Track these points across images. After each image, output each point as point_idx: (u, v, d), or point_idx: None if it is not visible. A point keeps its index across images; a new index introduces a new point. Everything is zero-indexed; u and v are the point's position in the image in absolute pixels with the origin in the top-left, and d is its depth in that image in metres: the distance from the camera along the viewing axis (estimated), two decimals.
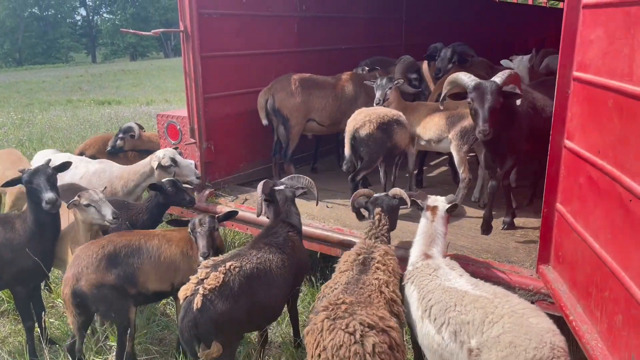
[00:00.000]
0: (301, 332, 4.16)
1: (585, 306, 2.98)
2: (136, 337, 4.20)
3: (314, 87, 5.98)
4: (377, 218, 3.77)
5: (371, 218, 3.84)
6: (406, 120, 5.21)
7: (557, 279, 3.40)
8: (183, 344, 3.31)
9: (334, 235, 4.62)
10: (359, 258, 3.37)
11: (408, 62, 6.04)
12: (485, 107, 3.80)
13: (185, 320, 3.15)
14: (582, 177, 2.99)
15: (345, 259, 3.43)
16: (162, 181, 4.69)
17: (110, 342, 4.25)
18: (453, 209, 3.73)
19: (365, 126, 4.88)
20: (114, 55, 74.97)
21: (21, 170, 3.98)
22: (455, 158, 5.08)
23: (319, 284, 4.72)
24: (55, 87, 29.22)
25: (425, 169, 7.04)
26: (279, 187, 4.09)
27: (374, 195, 4.00)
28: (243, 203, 5.54)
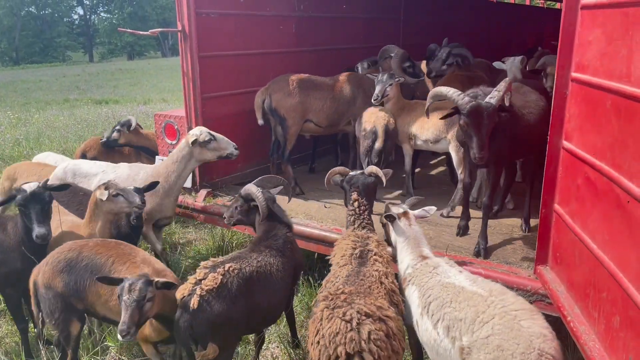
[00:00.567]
0: (299, 333, 4.17)
1: (583, 307, 2.99)
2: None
3: (312, 88, 5.95)
4: (356, 205, 3.73)
5: (349, 202, 3.78)
6: (403, 119, 5.27)
7: (555, 280, 3.40)
8: (179, 344, 3.30)
9: (332, 235, 4.61)
10: (356, 252, 3.37)
11: (401, 54, 6.04)
12: (482, 134, 3.64)
13: (181, 320, 3.14)
14: (580, 178, 2.99)
15: (342, 254, 3.42)
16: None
17: (107, 343, 4.24)
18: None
19: (392, 121, 5.30)
20: (112, 54, 74.85)
21: (17, 189, 3.92)
22: (454, 159, 5.08)
23: (317, 285, 4.71)
24: (52, 87, 29.16)
25: (422, 169, 7.06)
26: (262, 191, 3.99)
27: (350, 173, 3.95)
28: None
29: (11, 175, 5.74)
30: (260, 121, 5.98)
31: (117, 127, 6.80)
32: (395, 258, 3.66)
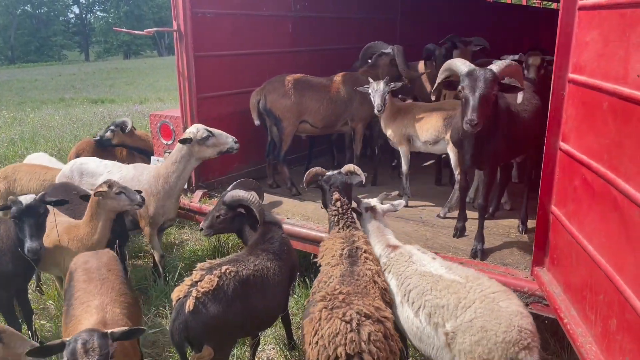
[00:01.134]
0: (295, 334, 4.15)
1: (579, 309, 2.98)
2: None
3: (308, 89, 5.91)
4: (339, 205, 3.70)
5: (330, 203, 3.75)
6: (400, 122, 5.26)
7: (552, 282, 3.39)
8: (174, 347, 3.28)
9: None
10: (345, 251, 3.36)
11: (402, 50, 6.09)
12: (476, 95, 3.50)
13: (176, 322, 3.12)
14: (577, 180, 2.98)
15: (332, 254, 3.41)
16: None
17: None
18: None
19: None
20: (107, 53, 74.56)
21: (12, 200, 3.83)
22: (451, 159, 5.06)
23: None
24: (47, 86, 29.04)
25: (419, 169, 7.05)
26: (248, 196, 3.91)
27: (327, 173, 3.93)
28: None
29: (9, 176, 5.61)
30: (256, 121, 5.95)
31: (112, 127, 6.75)
32: None
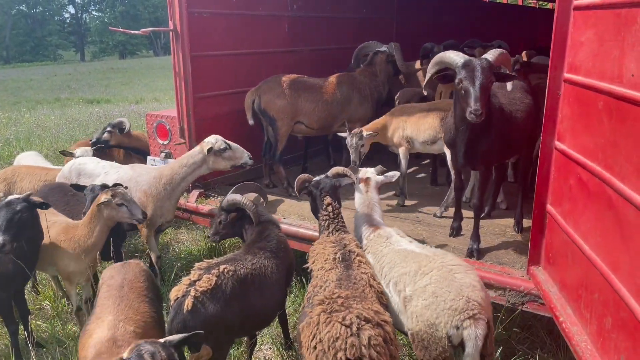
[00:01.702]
0: (291, 334, 4.15)
1: (575, 308, 2.99)
2: None
3: (303, 90, 5.89)
4: (330, 209, 3.68)
5: (322, 208, 3.73)
6: (397, 124, 5.31)
7: (548, 280, 3.40)
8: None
9: None
10: (337, 255, 3.33)
11: (399, 47, 6.19)
12: (476, 85, 3.46)
13: (174, 321, 3.12)
14: (572, 179, 2.99)
15: (325, 258, 3.37)
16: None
17: None
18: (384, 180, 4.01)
19: None
20: (103, 53, 74.42)
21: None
22: (448, 158, 5.06)
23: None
24: (43, 86, 28.98)
25: (416, 169, 7.07)
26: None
27: (314, 179, 3.90)
28: None
29: (8, 178, 5.57)
30: (250, 121, 5.94)
31: (108, 129, 6.72)
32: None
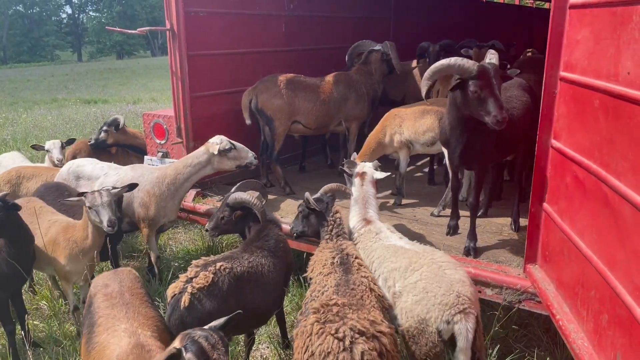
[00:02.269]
0: (289, 333, 4.15)
1: (571, 305, 3.00)
2: None
3: (300, 89, 5.88)
4: (338, 216, 3.72)
5: (330, 215, 3.74)
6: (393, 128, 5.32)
7: (544, 278, 3.41)
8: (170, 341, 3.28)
9: None
10: (336, 259, 3.30)
11: (394, 46, 6.21)
12: (496, 93, 3.49)
13: (172, 318, 3.15)
14: (569, 177, 3.00)
15: (323, 264, 3.33)
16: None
17: None
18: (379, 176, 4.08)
19: None
20: (100, 53, 74.30)
21: None
22: (446, 158, 5.07)
23: (307, 285, 4.69)
24: (40, 86, 28.91)
25: (413, 168, 7.08)
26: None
27: (312, 198, 3.86)
28: None
29: (12, 179, 5.54)
30: (247, 121, 5.94)
31: (105, 128, 6.71)
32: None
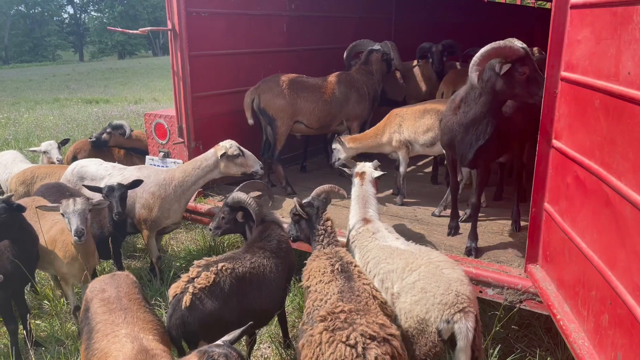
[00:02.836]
0: (290, 333, 4.15)
1: (572, 305, 3.00)
2: None
3: (302, 89, 5.90)
4: (329, 224, 3.68)
5: (319, 224, 3.69)
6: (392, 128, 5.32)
7: (545, 278, 3.41)
8: (171, 342, 3.29)
9: None
10: (336, 267, 3.24)
11: (395, 45, 6.28)
12: (539, 72, 3.49)
13: (173, 318, 3.15)
14: (570, 177, 3.00)
15: (322, 271, 3.27)
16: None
17: None
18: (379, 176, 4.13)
19: None
20: (102, 53, 74.40)
21: None
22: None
23: None
24: (42, 86, 28.96)
25: (414, 167, 7.08)
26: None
27: (304, 201, 3.83)
28: None
29: (27, 180, 5.58)
30: (250, 121, 5.95)
31: (108, 130, 6.73)
32: None
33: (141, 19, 74.27)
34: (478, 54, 3.50)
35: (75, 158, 6.73)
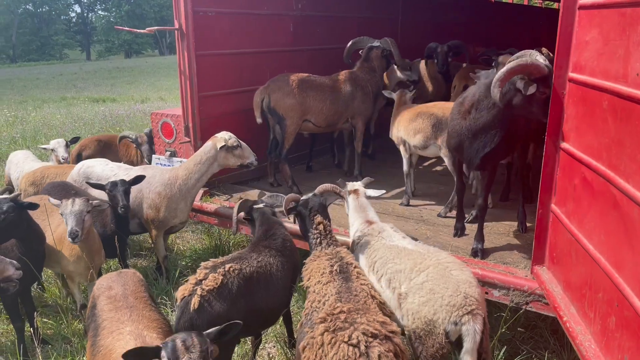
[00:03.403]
0: (295, 332, 4.16)
1: (579, 307, 2.99)
2: None
3: (311, 89, 5.92)
4: (322, 227, 3.63)
5: (312, 227, 3.66)
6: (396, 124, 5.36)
7: (552, 280, 3.40)
8: None
9: None
10: (335, 267, 3.23)
11: (394, 42, 6.24)
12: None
13: (181, 320, 3.13)
14: (577, 179, 2.99)
15: (321, 272, 3.26)
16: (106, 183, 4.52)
17: None
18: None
19: None
20: (109, 52, 74.67)
21: None
22: (447, 164, 5.04)
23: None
24: (49, 85, 29.10)
25: (420, 168, 7.06)
26: (258, 206, 4.04)
27: (302, 198, 3.83)
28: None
29: (37, 180, 5.59)
30: (258, 120, 5.97)
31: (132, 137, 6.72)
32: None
33: (148, 18, 74.52)
34: (503, 70, 3.35)
35: (80, 155, 6.76)
